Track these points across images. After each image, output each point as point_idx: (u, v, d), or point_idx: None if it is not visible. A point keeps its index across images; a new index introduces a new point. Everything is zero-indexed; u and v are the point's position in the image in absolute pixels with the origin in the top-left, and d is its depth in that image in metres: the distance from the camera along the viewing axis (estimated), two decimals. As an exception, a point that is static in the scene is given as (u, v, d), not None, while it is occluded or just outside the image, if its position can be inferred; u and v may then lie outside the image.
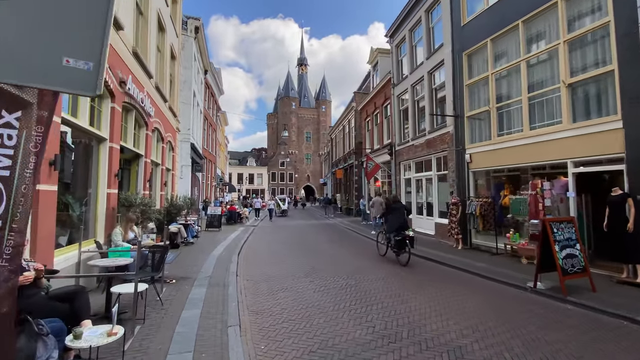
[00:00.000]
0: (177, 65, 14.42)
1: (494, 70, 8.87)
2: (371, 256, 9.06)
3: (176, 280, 6.09)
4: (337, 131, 31.40)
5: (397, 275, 6.86)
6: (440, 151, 11.15)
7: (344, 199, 27.43)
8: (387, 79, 15.51)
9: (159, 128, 10.67)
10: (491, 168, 9.14)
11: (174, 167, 13.67)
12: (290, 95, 74.28)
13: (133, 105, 7.85)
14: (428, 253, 9.02)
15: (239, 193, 52.44)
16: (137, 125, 8.82)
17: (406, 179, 14.07)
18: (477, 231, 9.36)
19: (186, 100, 17.40)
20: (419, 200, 12.99)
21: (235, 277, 6.50)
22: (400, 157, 14.22)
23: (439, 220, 11.31)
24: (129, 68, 7.37)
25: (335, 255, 9.19)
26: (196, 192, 19.05)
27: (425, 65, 12.15)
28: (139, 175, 9.01)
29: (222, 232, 14.53)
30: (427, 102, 11.99)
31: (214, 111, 29.53)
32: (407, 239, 7.75)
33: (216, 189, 30.52)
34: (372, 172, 15.29)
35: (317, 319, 4.41)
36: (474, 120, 9.79)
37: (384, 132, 16.71)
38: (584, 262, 5.47)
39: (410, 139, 13.22)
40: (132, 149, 8.22)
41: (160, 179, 11.36)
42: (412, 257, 8.36)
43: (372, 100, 18.16)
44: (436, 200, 11.53)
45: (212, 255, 8.79)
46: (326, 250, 10.04)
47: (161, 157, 11.31)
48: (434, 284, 6.18)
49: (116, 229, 6.02)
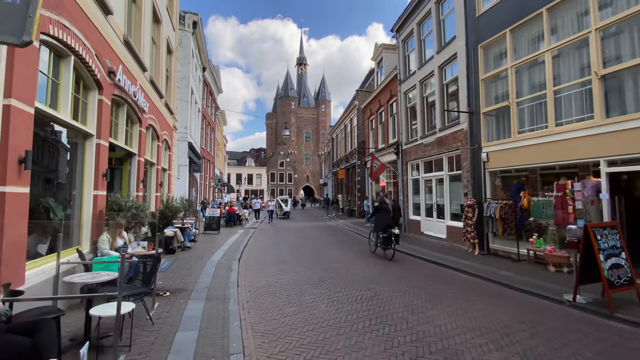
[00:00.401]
0: (174, 60, 13.77)
1: (514, 62, 8.26)
2: (382, 263, 8.43)
3: (170, 293, 5.44)
4: (339, 130, 30.79)
5: (416, 286, 6.23)
6: (452, 150, 10.53)
7: (345, 200, 26.79)
8: (393, 76, 14.90)
9: (154, 125, 10.01)
10: (511, 167, 8.52)
11: (170, 167, 13.01)
12: (290, 94, 73.67)
13: (124, 99, 7.19)
14: (443, 259, 8.40)
15: (237, 194, 51.76)
16: (129, 121, 8.17)
17: (414, 180, 13.45)
18: (495, 235, 8.75)
19: (183, 98, 16.74)
20: (428, 202, 12.37)
21: (236, 288, 5.86)
22: (408, 156, 13.60)
23: (451, 223, 10.69)
24: (119, 58, 6.72)
25: (344, 261, 8.55)
26: (194, 193, 18.38)
27: (436, 59, 11.54)
28: (132, 176, 8.35)
29: (221, 234, 13.88)
30: (438, 98, 11.38)
31: (213, 110, 28.86)
32: (393, 236, 8.55)
33: (215, 189, 29.83)
34: (378, 172, 14.67)
35: (334, 342, 3.77)
36: (491, 116, 9.18)
37: (389, 131, 16.10)
38: (631, 272, 4.86)
39: (419, 137, 12.60)
40: (124, 146, 7.56)
41: (156, 179, 10.70)
42: (428, 264, 7.83)
43: (377, 98, 17.54)
44: (448, 201, 10.91)
45: (210, 261, 8.13)
46: (333, 255, 9.40)
47: (156, 156, 10.65)
48: (457, 296, 5.56)
49: (103, 236, 5.37)
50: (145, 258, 4.53)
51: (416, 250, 9.81)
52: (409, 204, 13.56)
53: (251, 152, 76.49)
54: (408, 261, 8.64)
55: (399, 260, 8.64)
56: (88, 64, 5.39)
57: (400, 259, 8.85)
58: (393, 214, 12.82)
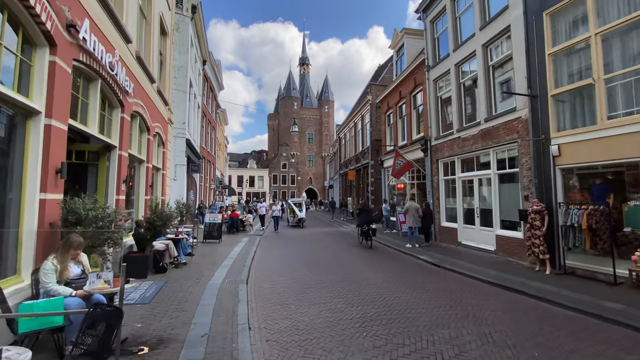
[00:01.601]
0: (170, 45, 11.97)
1: (600, 29, 6.44)
2: (444, 296, 6.57)
3: (149, 349, 3.58)
4: (347, 129, 28.98)
5: (502, 326, 4.36)
6: (504, 143, 8.69)
7: (356, 203, 24.87)
8: (419, 62, 13.08)
9: (143, 114, 8.20)
10: (596, 163, 6.68)
11: (164, 165, 11.17)
12: (292, 95, 71.98)
13: (96, 70, 5.38)
14: (505, 280, 6.53)
15: (239, 196, 49.89)
16: (106, 103, 6.35)
17: (446, 180, 11.60)
18: (570, 249, 6.89)
19: (181, 89, 14.95)
20: (467, 207, 10.50)
21: (247, 336, 4.00)
22: (439, 153, 11.75)
23: (503, 232, 8.83)
24: (85, 10, 4.91)
25: (387, 288, 6.62)
26: (192, 196, 16.54)
27: (478, 37, 9.73)
28: (111, 175, 6.51)
29: (223, 244, 12.04)
30: (482, 82, 9.54)
31: (213, 107, 27.08)
32: (370, 230, 11.29)
33: (215, 192, 28.00)
34: (402, 170, 12.82)
35: None
36: (560, 102, 7.36)
37: (413, 125, 14.26)
38: None
39: (455, 130, 10.76)
40: (97, 135, 5.74)
41: (145, 180, 8.88)
42: (485, 286, 6.00)
43: (396, 90, 15.72)
44: (497, 206, 9.05)
45: (210, 285, 6.28)
46: (368, 277, 7.40)
47: (146, 151, 8.84)
48: (581, 351, 3.69)
49: (47, 263, 3.53)
50: (97, 308, 2.68)
51: (460, 265, 7.93)
52: (440, 208, 11.69)
53: (252, 154, 74.68)
54: (457, 280, 6.77)
55: (447, 277, 6.80)
56: (30, 5, 3.59)
57: (446, 276, 7.00)
58: (424, 220, 11.01)
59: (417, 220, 10.82)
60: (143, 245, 7.04)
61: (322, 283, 6.72)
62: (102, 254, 4.49)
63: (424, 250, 10.18)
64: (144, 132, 8.83)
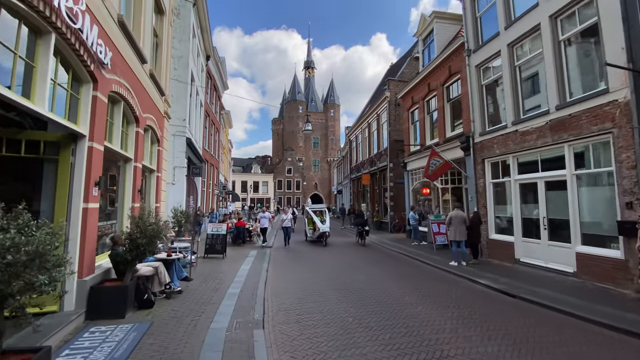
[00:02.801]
0: (168, 26, 10.28)
1: None
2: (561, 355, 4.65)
3: None
4: (359, 131, 27.17)
5: None
6: (589, 135, 6.81)
7: (372, 210, 22.90)
8: (456, 47, 11.28)
9: (129, 100, 6.43)
10: None
11: (159, 167, 9.38)
12: (297, 98, 70.60)
13: (48, 19, 3.61)
14: (625, 320, 4.58)
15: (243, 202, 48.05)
16: (70, 74, 4.57)
17: (495, 183, 9.70)
18: None
19: (181, 80, 13.26)
20: (526, 215, 8.58)
21: None
22: (486, 151, 9.87)
23: (588, 250, 6.90)
24: None
25: (463, 337, 4.73)
26: (192, 203, 14.73)
27: (543, 8, 7.91)
28: (75, 174, 4.68)
29: (227, 260, 10.17)
30: (551, 62, 7.68)
31: (217, 108, 25.44)
32: (364, 231, 14.29)
33: (218, 197, 26.22)
34: (439, 171, 10.92)
35: None
36: (680, 75, 5.50)
37: (447, 121, 12.41)
38: None
39: (510, 123, 8.89)
40: (54, 118, 3.95)
41: (133, 183, 7.07)
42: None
43: (424, 82, 13.90)
44: (576, 215, 7.12)
45: (212, 333, 4.38)
46: (418, 314, 5.50)
47: (134, 147, 7.06)
48: None
49: None
50: None
51: (541, 294, 5.96)
52: (488, 217, 9.76)
53: (257, 159, 73.04)
54: (554, 320, 4.83)
55: (532, 314, 4.88)
56: None
57: (532, 312, 5.09)
58: (472, 232, 9.09)
59: (464, 233, 8.91)
60: (122, 270, 5.19)
61: (368, 326, 4.81)
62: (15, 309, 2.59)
63: (477, 271, 8.25)
64: (131, 123, 7.06)
